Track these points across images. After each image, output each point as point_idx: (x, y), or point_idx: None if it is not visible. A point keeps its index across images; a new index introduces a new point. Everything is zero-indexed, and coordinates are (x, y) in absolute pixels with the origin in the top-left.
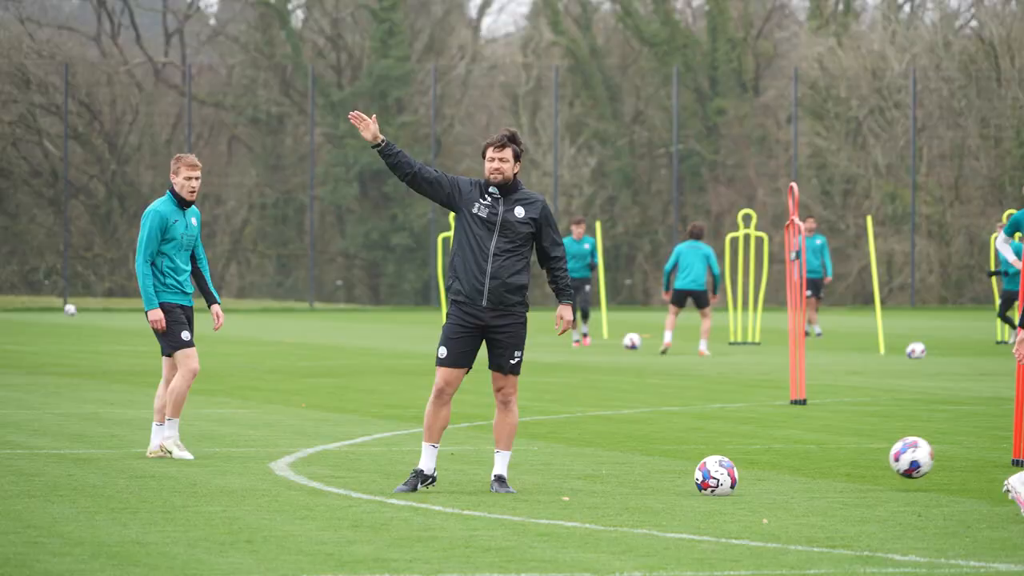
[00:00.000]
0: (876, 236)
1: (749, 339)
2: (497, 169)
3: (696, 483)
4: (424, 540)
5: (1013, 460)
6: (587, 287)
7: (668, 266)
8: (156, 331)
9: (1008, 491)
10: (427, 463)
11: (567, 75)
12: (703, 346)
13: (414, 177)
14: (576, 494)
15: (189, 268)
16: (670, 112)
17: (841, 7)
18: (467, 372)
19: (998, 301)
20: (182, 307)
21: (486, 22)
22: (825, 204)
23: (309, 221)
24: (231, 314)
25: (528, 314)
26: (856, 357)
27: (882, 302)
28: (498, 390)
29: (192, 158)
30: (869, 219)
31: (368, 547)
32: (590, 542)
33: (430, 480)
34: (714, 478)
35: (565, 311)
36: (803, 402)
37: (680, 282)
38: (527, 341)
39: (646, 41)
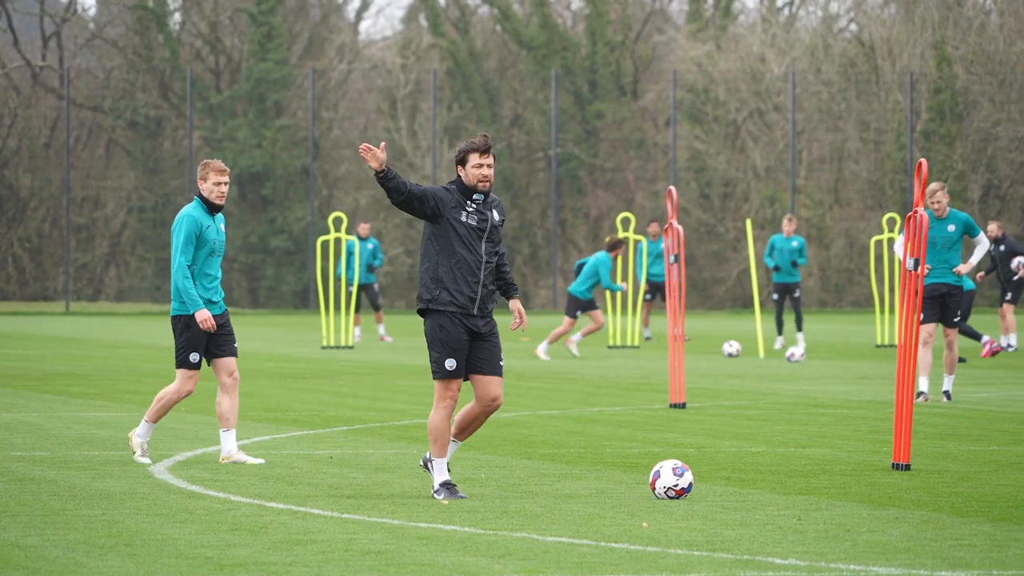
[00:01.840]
0: (755, 239)
1: (628, 343)
2: (485, 176)
3: (666, 494)
4: (303, 543)
5: (893, 464)
6: None
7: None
8: (191, 337)
9: None
10: (445, 473)
11: (445, 78)
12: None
13: (409, 197)
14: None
15: (219, 275)
16: (549, 115)
17: (720, 10)
18: None
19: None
20: (213, 317)
21: (364, 25)
22: (704, 207)
23: None
24: (108, 318)
25: None
26: (735, 360)
27: (761, 305)
28: (493, 399)
29: (220, 163)
30: (748, 222)
31: (247, 550)
32: (469, 546)
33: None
34: (678, 482)
35: (519, 306)
36: (682, 406)
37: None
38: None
39: (525, 44)
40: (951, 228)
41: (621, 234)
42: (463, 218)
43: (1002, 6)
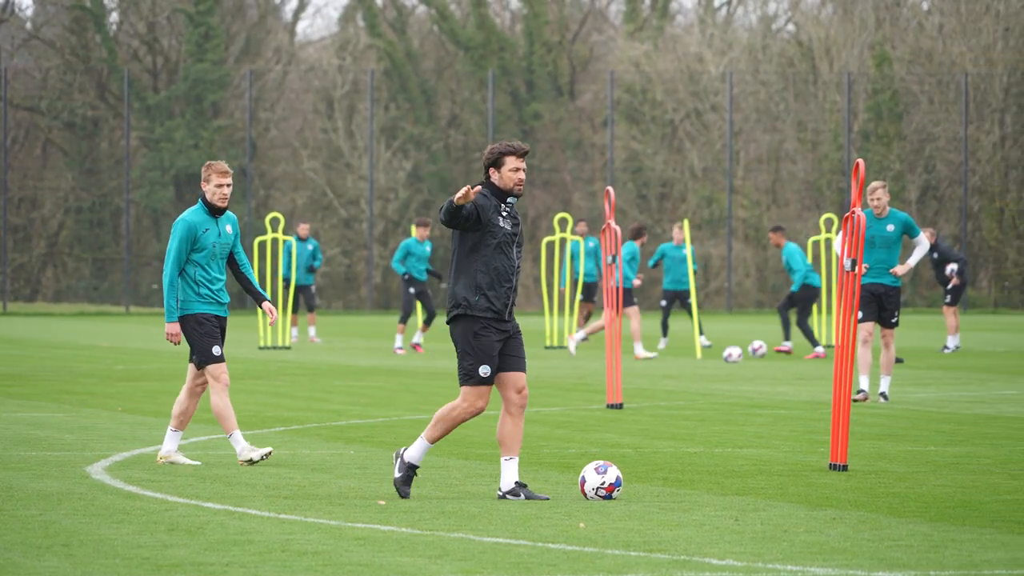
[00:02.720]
0: (692, 240)
1: (565, 343)
2: (522, 180)
3: (600, 494)
4: (240, 544)
5: (830, 464)
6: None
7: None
8: (206, 333)
9: None
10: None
11: (383, 78)
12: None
13: (467, 219)
14: (392, 498)
15: (224, 277)
16: (486, 116)
17: (657, 10)
18: None
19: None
20: (217, 318)
21: (302, 25)
22: (641, 208)
23: (125, 225)
24: (46, 319)
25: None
26: (672, 361)
27: (698, 306)
28: (519, 391)
29: (223, 165)
30: (686, 222)
31: (184, 551)
32: (407, 546)
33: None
34: (603, 482)
35: None
36: (619, 406)
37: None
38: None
39: (462, 44)
40: (890, 228)
41: (559, 235)
42: (500, 223)
43: (941, 6)
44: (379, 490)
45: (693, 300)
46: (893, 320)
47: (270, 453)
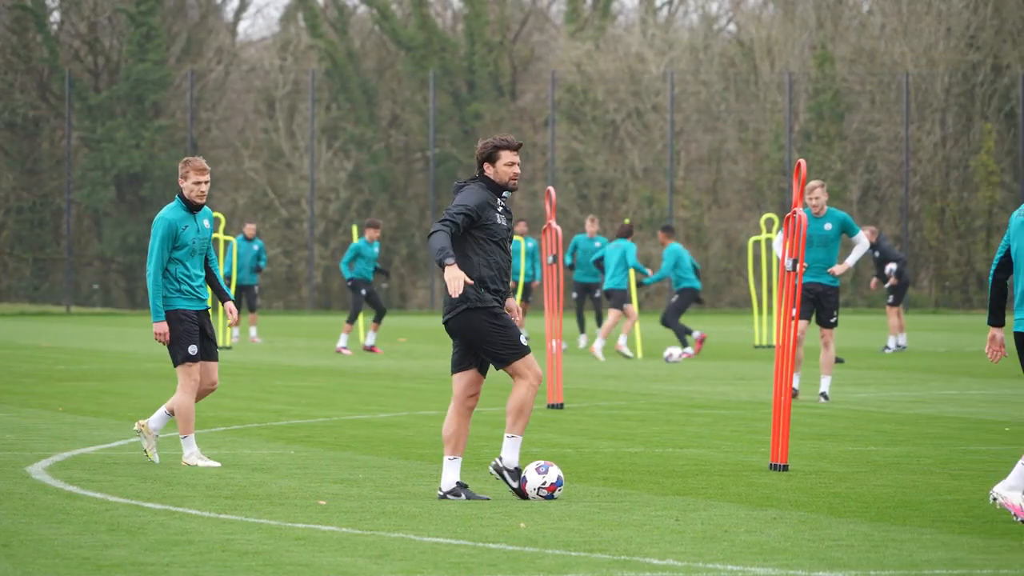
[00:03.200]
0: (634, 239)
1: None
2: (517, 174)
3: (543, 492)
4: (181, 544)
5: (771, 464)
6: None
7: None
8: (183, 332)
9: (995, 499)
10: (514, 456)
11: (324, 78)
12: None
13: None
14: (333, 498)
15: (203, 273)
16: (427, 116)
17: (598, 10)
18: None
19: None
20: (197, 312)
21: (243, 25)
22: (582, 208)
23: (66, 225)
24: None
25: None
26: (613, 362)
27: (639, 306)
28: (475, 394)
29: (201, 161)
30: (627, 223)
31: (124, 551)
32: (347, 546)
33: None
34: (547, 484)
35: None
36: (560, 406)
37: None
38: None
39: (403, 45)
40: (828, 227)
41: None
42: (499, 220)
43: (882, 6)
44: (319, 490)
45: (630, 296)
46: (832, 320)
47: (203, 459)
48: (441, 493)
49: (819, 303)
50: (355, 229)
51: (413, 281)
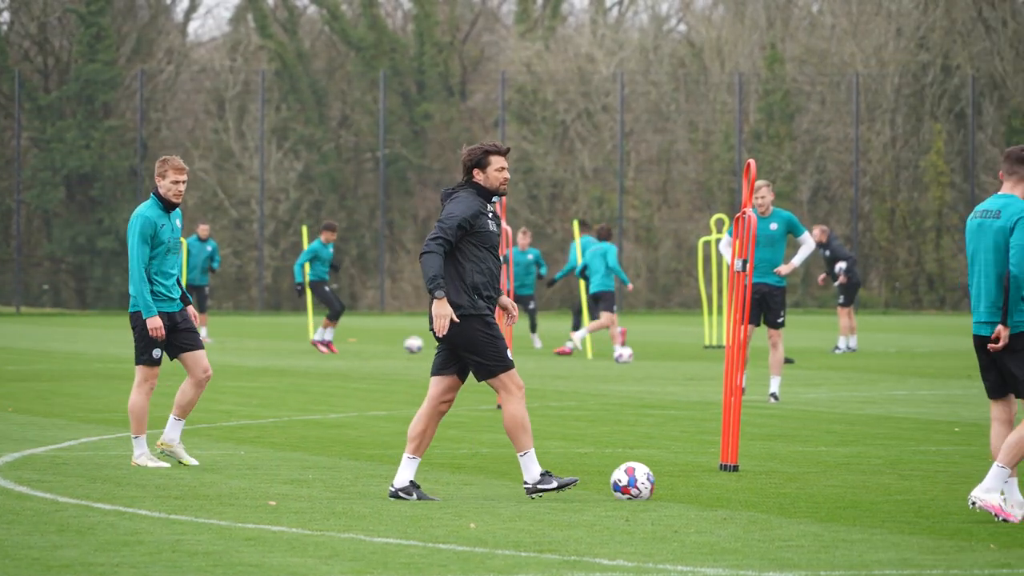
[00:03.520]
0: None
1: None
2: (507, 179)
3: (615, 484)
4: (131, 544)
5: (721, 465)
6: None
7: (578, 272)
8: (155, 339)
9: (974, 503)
10: (534, 468)
11: (274, 79)
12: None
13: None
14: (283, 499)
15: (177, 273)
16: (377, 116)
17: (549, 11)
18: None
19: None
20: (168, 315)
21: (193, 26)
22: (532, 208)
23: (16, 225)
24: None
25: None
26: (563, 361)
27: (589, 307)
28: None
29: (179, 161)
30: (576, 223)
31: (74, 551)
32: (297, 547)
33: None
34: (637, 488)
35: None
36: None
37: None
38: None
39: (353, 45)
40: (774, 227)
41: None
42: (490, 227)
43: (832, 6)
44: (269, 491)
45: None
46: (779, 320)
47: (175, 452)
48: (393, 490)
49: (765, 303)
50: (305, 230)
51: (363, 281)
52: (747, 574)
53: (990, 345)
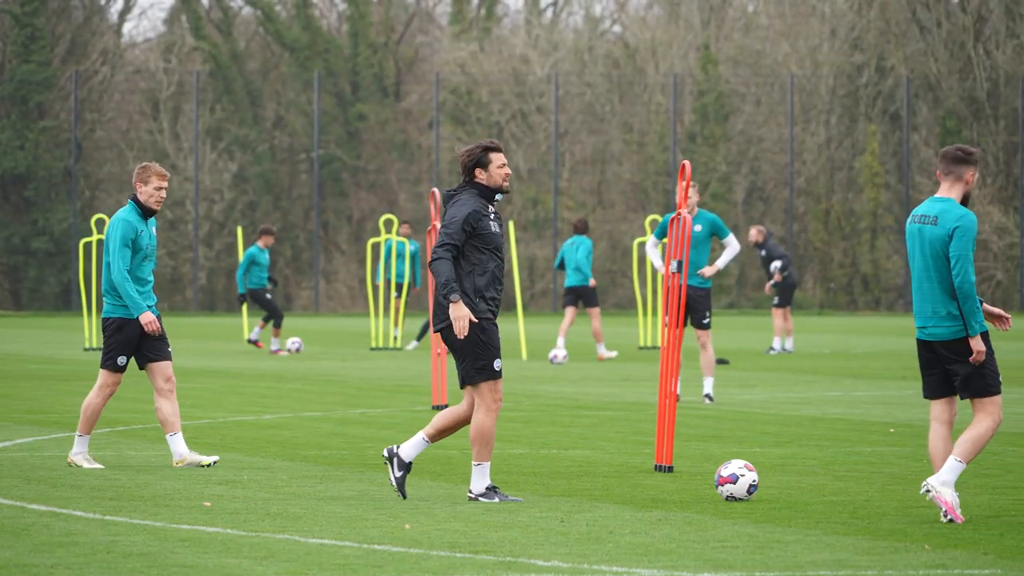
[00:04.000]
0: (518, 241)
1: (391, 344)
2: (509, 174)
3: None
4: (65, 545)
5: (656, 465)
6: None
7: (556, 264)
8: (119, 341)
9: (928, 491)
10: (488, 476)
11: (208, 80)
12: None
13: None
14: (218, 499)
15: (152, 279)
16: (311, 117)
17: (483, 12)
18: None
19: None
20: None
21: (128, 26)
22: None
23: None
24: None
25: None
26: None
27: (524, 308)
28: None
29: (161, 167)
30: (511, 224)
31: (8, 552)
32: (232, 548)
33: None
34: (736, 476)
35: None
36: (444, 407)
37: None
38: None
39: (287, 46)
40: (698, 228)
41: (384, 236)
42: (492, 228)
43: (767, 8)
44: (204, 492)
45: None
46: (705, 321)
47: (92, 463)
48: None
49: (691, 305)
50: (239, 231)
51: (298, 282)
52: (682, 575)
53: (973, 358)
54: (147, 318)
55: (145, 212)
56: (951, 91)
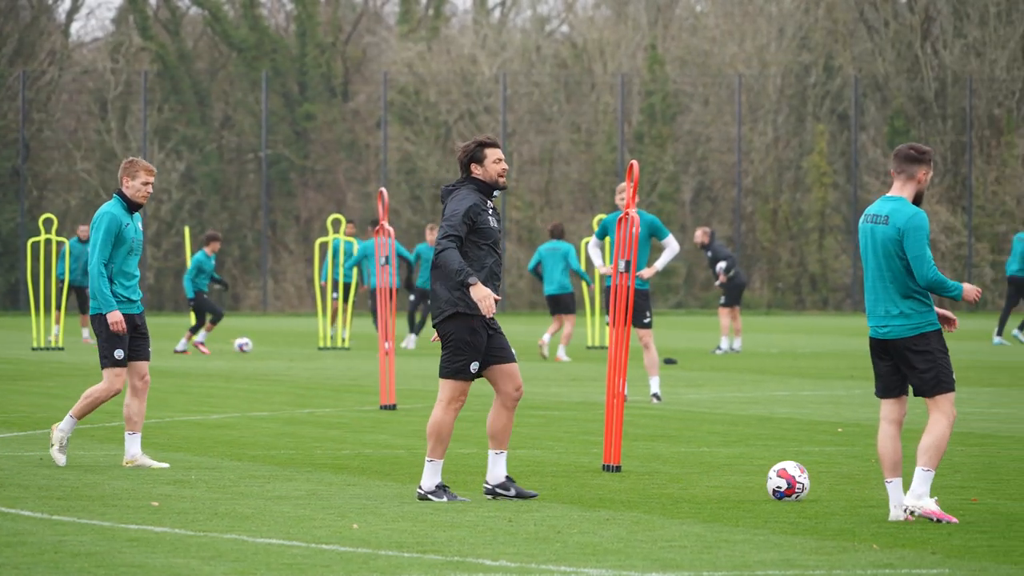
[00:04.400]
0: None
1: (339, 344)
2: (506, 170)
3: (777, 492)
4: (12, 545)
5: (603, 465)
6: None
7: (531, 266)
8: (114, 334)
9: (912, 512)
10: (439, 475)
11: (156, 80)
12: (562, 352)
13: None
14: (166, 499)
15: (138, 274)
16: (259, 117)
17: (431, 11)
18: None
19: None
20: (130, 317)
21: (75, 26)
22: (415, 209)
23: None
24: None
25: None
26: None
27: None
28: (517, 387)
29: (148, 163)
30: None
31: None
32: (179, 547)
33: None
34: (800, 484)
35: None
36: (393, 407)
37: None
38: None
39: (235, 46)
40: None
41: (332, 236)
42: (491, 223)
43: (714, 8)
44: (152, 491)
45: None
46: (645, 320)
47: (61, 451)
48: (488, 487)
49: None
50: (187, 231)
51: (246, 282)
52: (630, 574)
53: (948, 327)
54: (114, 317)
55: (131, 206)
56: (899, 91)
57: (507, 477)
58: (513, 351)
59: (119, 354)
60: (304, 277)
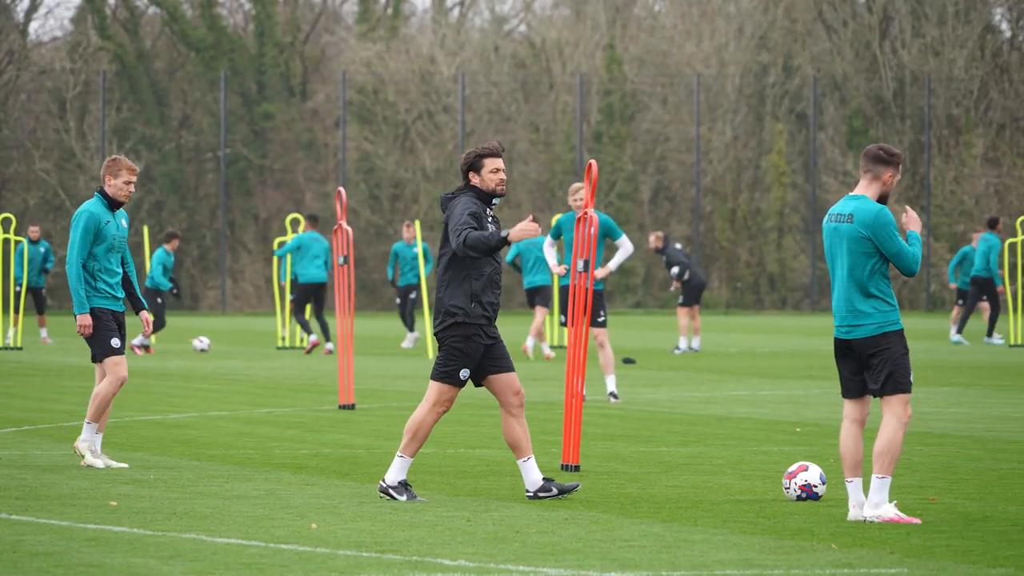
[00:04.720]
0: (424, 240)
1: (298, 344)
2: (503, 179)
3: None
4: None
5: (562, 465)
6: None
7: (509, 258)
8: (84, 336)
9: (872, 522)
10: (405, 472)
11: (114, 79)
12: (530, 343)
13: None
14: (124, 499)
15: (120, 272)
16: (217, 117)
17: (390, 11)
18: None
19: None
20: (113, 312)
21: (34, 26)
22: (373, 209)
23: None
24: None
25: None
26: (404, 362)
27: (431, 306)
28: (516, 392)
29: (130, 161)
30: (418, 224)
31: None
32: (138, 547)
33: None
34: (819, 484)
35: None
36: (351, 407)
37: (527, 280)
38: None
39: (193, 46)
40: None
41: (291, 235)
42: (490, 230)
43: (673, 7)
44: (110, 491)
45: (424, 296)
46: (600, 319)
47: (97, 457)
48: (530, 494)
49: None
50: (146, 230)
51: (204, 281)
52: (589, 574)
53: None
54: (84, 320)
55: (112, 204)
56: (857, 90)
57: (545, 479)
58: (511, 360)
59: (115, 342)
60: (263, 276)
